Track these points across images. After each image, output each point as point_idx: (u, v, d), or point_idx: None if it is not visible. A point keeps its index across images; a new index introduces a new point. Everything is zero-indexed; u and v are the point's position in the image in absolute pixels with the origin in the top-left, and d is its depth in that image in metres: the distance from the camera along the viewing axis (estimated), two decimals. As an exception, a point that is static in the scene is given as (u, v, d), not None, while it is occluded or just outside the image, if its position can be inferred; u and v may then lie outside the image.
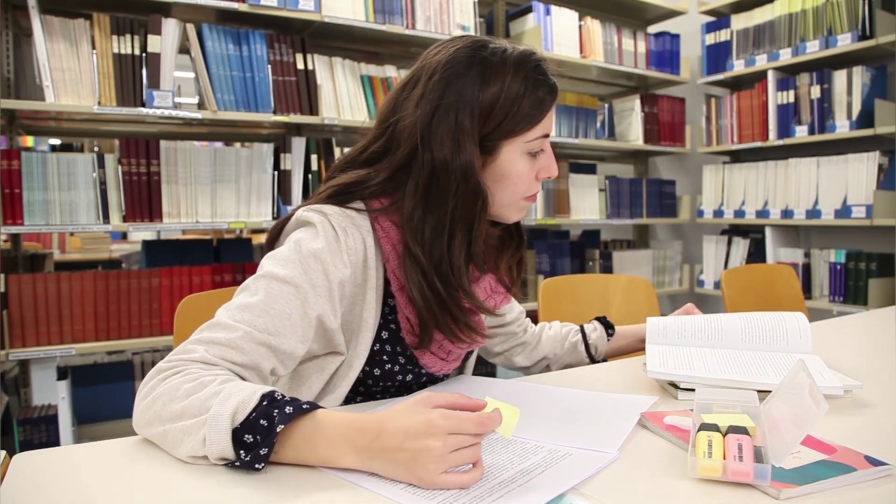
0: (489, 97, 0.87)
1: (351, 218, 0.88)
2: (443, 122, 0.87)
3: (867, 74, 2.67)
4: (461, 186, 0.87)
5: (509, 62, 0.89)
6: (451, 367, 1.01)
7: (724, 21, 3.17)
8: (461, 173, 0.86)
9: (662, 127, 3.28)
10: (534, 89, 0.89)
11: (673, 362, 1.02)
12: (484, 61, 0.89)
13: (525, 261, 1.06)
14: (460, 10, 2.58)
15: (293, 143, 2.28)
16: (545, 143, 0.94)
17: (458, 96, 0.87)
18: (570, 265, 3.02)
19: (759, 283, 2.00)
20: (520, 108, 0.88)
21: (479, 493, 0.62)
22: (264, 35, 2.20)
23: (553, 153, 0.96)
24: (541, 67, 0.91)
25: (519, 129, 0.89)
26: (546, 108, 0.91)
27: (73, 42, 1.95)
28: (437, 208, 0.87)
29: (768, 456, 0.66)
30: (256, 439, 0.65)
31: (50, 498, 0.63)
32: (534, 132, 0.91)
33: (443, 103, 0.87)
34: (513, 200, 0.94)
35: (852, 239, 2.92)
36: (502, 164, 0.91)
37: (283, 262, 0.83)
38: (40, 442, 1.99)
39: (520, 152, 0.91)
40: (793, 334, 1.10)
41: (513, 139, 0.90)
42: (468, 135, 0.86)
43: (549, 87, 0.91)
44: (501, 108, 0.88)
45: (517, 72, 0.89)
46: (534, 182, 0.95)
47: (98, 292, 2.01)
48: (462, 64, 0.88)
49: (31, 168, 1.90)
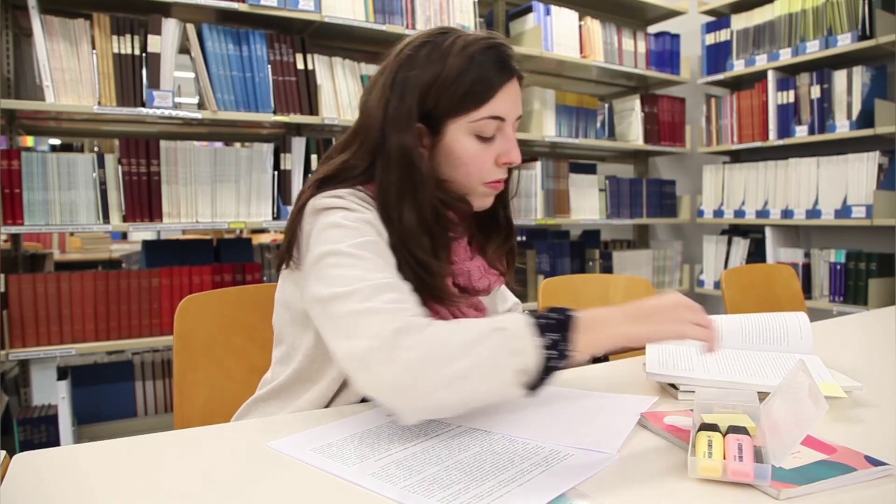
0: (429, 74, 0.89)
1: (362, 198, 0.90)
2: (391, 104, 0.90)
3: (867, 74, 2.67)
4: (402, 164, 0.89)
5: (458, 43, 0.90)
6: None
7: (724, 21, 3.17)
8: (401, 151, 0.88)
9: (662, 127, 3.29)
10: (478, 67, 0.89)
11: (673, 363, 1.02)
12: (435, 43, 0.91)
13: (516, 250, 1.08)
14: (460, 10, 2.58)
15: (293, 143, 2.28)
16: (504, 127, 0.93)
17: (405, 77, 0.90)
18: (570, 265, 3.02)
19: (759, 283, 2.00)
20: (459, 86, 0.89)
21: (479, 493, 0.62)
22: (264, 35, 2.20)
23: (514, 140, 0.95)
24: (494, 50, 0.91)
25: (461, 107, 0.90)
26: (493, 88, 0.90)
27: (73, 42, 1.95)
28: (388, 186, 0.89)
29: (768, 456, 0.66)
30: (552, 337, 0.71)
31: (50, 498, 0.63)
32: (479, 112, 0.90)
33: (395, 85, 0.90)
34: (470, 184, 0.94)
35: (852, 239, 2.92)
36: (448, 143, 0.92)
37: (350, 234, 0.83)
38: (40, 442, 1.99)
39: (465, 132, 0.91)
40: (793, 335, 1.10)
41: (456, 119, 0.90)
42: (409, 114, 0.89)
43: (498, 67, 0.91)
44: (442, 84, 0.89)
45: (462, 51, 0.89)
46: (493, 167, 0.94)
47: (98, 292, 2.01)
48: (414, 47, 0.92)
49: (31, 168, 1.90)
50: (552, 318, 0.74)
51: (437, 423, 0.82)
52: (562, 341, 0.72)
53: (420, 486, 0.64)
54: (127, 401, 2.28)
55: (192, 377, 1.05)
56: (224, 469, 0.67)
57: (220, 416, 1.05)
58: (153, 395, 2.33)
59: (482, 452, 0.72)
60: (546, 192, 2.89)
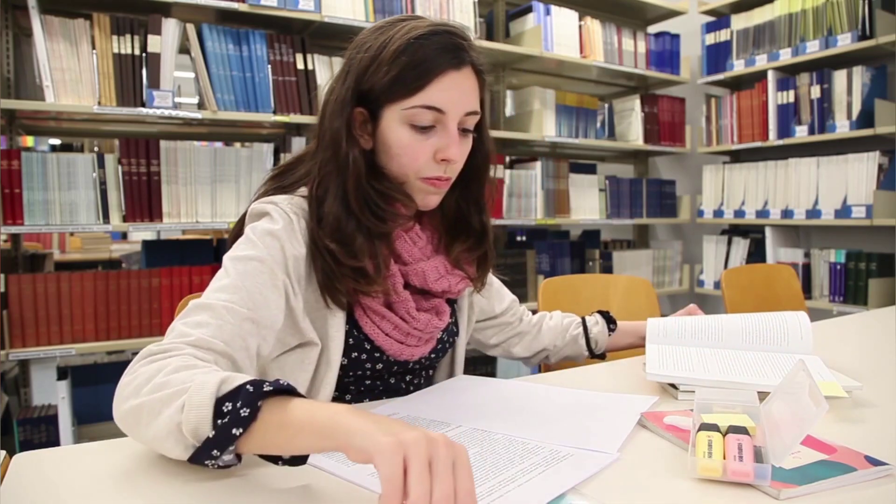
0: (369, 55, 0.87)
1: (298, 205, 0.90)
2: (336, 88, 0.90)
3: (867, 74, 2.67)
4: (331, 144, 0.88)
5: (404, 28, 0.87)
6: (416, 353, 0.97)
7: (724, 21, 3.17)
8: (332, 131, 0.88)
9: (662, 127, 3.29)
10: (415, 51, 0.85)
11: (673, 363, 1.02)
12: (385, 27, 0.89)
13: (490, 257, 1.03)
14: (460, 10, 2.58)
15: (293, 143, 2.28)
16: (444, 119, 0.87)
17: (350, 59, 0.90)
18: (570, 265, 3.02)
19: (759, 283, 2.00)
20: (394, 67, 0.85)
21: (479, 493, 0.62)
22: (264, 35, 2.20)
23: (456, 135, 0.88)
24: (441, 36, 0.86)
25: (395, 92, 0.86)
26: (428, 74, 0.85)
27: (73, 42, 1.95)
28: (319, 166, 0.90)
29: (768, 456, 0.66)
30: (236, 406, 0.59)
31: (50, 498, 0.63)
32: (412, 100, 0.85)
33: (342, 70, 0.91)
34: (404, 176, 0.90)
35: (852, 239, 2.92)
36: (383, 131, 0.89)
37: (243, 244, 0.85)
38: (40, 442, 1.99)
39: (398, 120, 0.87)
40: (794, 335, 1.10)
41: (391, 105, 0.87)
42: (346, 94, 0.88)
43: (440, 53, 0.85)
44: (378, 65, 0.86)
45: (403, 35, 0.86)
46: (429, 162, 0.89)
47: (98, 292, 2.01)
48: (367, 32, 0.91)
49: (31, 168, 1.90)
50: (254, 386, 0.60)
51: (437, 423, 0.82)
52: (241, 409, 0.59)
53: (420, 486, 0.63)
54: (127, 401, 2.28)
55: (192, 377, 1.05)
56: (224, 470, 0.67)
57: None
58: (153, 395, 2.32)
59: (482, 452, 0.72)
60: (546, 192, 2.89)
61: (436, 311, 0.98)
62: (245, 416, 0.59)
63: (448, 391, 0.99)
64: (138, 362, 0.71)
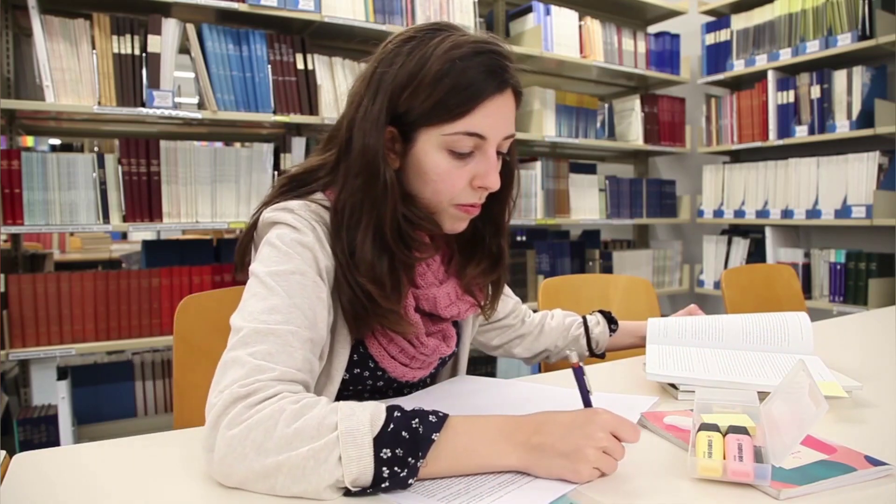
0: (405, 73, 0.79)
1: (316, 212, 0.84)
2: (364, 100, 0.82)
3: (867, 74, 2.67)
4: (365, 169, 0.80)
5: (445, 43, 0.79)
6: (418, 374, 0.94)
7: (724, 21, 3.17)
8: (363, 156, 0.80)
9: (662, 127, 3.29)
10: (459, 74, 0.78)
11: (673, 363, 1.02)
12: (421, 39, 0.81)
13: (504, 281, 0.99)
14: (460, 10, 2.58)
15: (293, 143, 2.28)
16: (484, 146, 0.82)
17: (382, 74, 0.81)
18: (570, 265, 3.02)
19: (759, 283, 2.00)
20: (435, 91, 0.78)
21: (479, 493, 0.62)
22: (264, 35, 2.20)
23: (495, 161, 0.83)
24: (485, 56, 0.80)
25: (435, 117, 0.79)
26: (473, 100, 0.79)
27: (73, 42, 1.95)
28: (349, 192, 0.82)
29: (768, 456, 0.66)
30: (396, 453, 0.60)
31: (50, 498, 0.63)
32: (454, 126, 0.79)
33: (371, 81, 0.82)
34: (438, 203, 0.85)
35: (852, 239, 2.92)
36: (416, 154, 0.82)
37: (276, 259, 0.78)
38: (40, 442, 1.99)
39: (435, 145, 0.81)
40: (794, 335, 1.10)
41: (428, 128, 0.80)
42: (378, 115, 0.80)
43: (485, 77, 0.79)
44: (416, 88, 0.79)
45: (447, 53, 0.78)
46: (466, 189, 0.84)
47: (98, 292, 2.01)
48: (400, 41, 0.83)
49: (31, 168, 1.90)
50: (408, 432, 0.62)
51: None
52: (403, 465, 0.61)
53: (420, 485, 0.64)
54: (127, 401, 2.28)
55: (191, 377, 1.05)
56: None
57: (220, 416, 1.05)
58: (153, 395, 2.33)
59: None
60: (546, 192, 2.89)
61: (443, 336, 0.95)
62: (420, 465, 0.62)
63: (449, 391, 0.99)
64: (232, 408, 0.64)
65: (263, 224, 0.84)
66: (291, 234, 0.80)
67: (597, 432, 0.64)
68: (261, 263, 0.79)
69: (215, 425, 0.64)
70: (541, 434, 0.65)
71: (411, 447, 0.61)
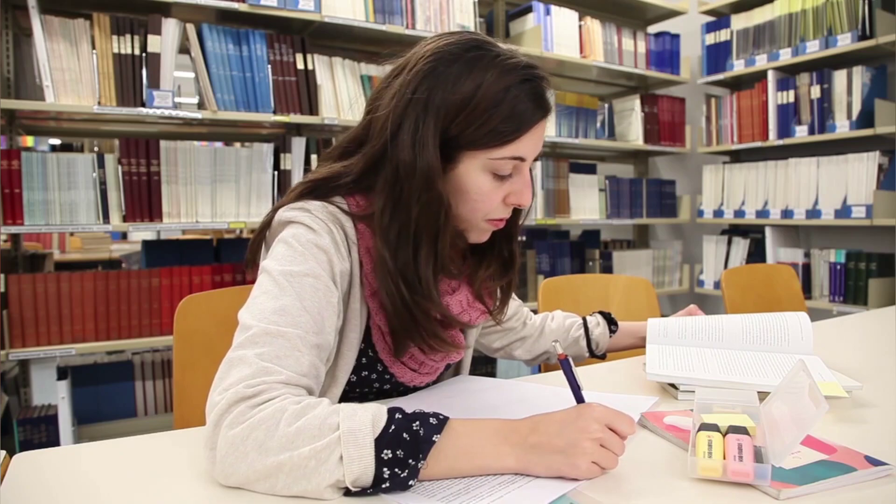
0: (458, 98, 0.79)
1: (334, 214, 0.83)
2: (410, 118, 0.80)
3: (867, 74, 2.67)
4: (423, 194, 0.80)
5: (497, 65, 0.80)
6: (425, 380, 0.96)
7: (724, 21, 3.17)
8: (423, 179, 0.79)
9: (662, 127, 3.29)
10: (513, 102, 0.79)
11: (673, 363, 1.02)
12: (470, 60, 0.80)
13: (514, 284, 0.99)
14: (460, 10, 2.58)
15: (293, 143, 2.28)
16: (521, 167, 0.84)
17: (431, 93, 0.79)
18: (570, 265, 3.02)
19: (759, 283, 2.00)
20: (490, 119, 0.79)
21: (479, 493, 0.62)
22: (264, 35, 2.20)
23: (529, 180, 0.86)
24: (532, 84, 0.81)
25: (484, 142, 0.80)
26: (524, 127, 0.81)
27: (73, 42, 1.95)
28: (401, 212, 0.81)
29: (768, 456, 0.66)
30: (397, 454, 0.61)
31: (50, 498, 0.63)
32: (503, 151, 0.81)
33: (415, 98, 0.80)
34: (472, 219, 0.86)
35: (852, 239, 2.92)
36: (459, 175, 0.82)
37: (290, 258, 0.77)
38: (40, 442, 1.99)
39: (480, 168, 0.82)
40: (794, 335, 1.10)
41: (475, 151, 0.81)
42: (430, 137, 0.79)
43: (535, 104, 0.81)
44: (471, 113, 0.79)
45: (501, 77, 0.79)
46: (500, 206, 0.86)
47: (98, 292, 2.01)
48: (445, 59, 0.81)
49: (31, 168, 1.90)
50: (409, 434, 0.63)
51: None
52: (404, 467, 0.61)
53: (420, 486, 0.64)
54: (127, 401, 2.28)
55: (191, 377, 1.05)
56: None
57: (220, 416, 1.05)
58: (153, 395, 2.33)
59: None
60: (546, 192, 2.89)
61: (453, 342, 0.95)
62: (420, 467, 0.62)
63: (450, 391, 0.99)
64: (235, 407, 0.64)
65: (279, 222, 0.84)
66: (308, 234, 0.80)
67: (591, 425, 0.65)
68: (274, 261, 0.78)
69: (217, 424, 0.64)
70: (537, 433, 0.66)
71: (412, 449, 0.62)
